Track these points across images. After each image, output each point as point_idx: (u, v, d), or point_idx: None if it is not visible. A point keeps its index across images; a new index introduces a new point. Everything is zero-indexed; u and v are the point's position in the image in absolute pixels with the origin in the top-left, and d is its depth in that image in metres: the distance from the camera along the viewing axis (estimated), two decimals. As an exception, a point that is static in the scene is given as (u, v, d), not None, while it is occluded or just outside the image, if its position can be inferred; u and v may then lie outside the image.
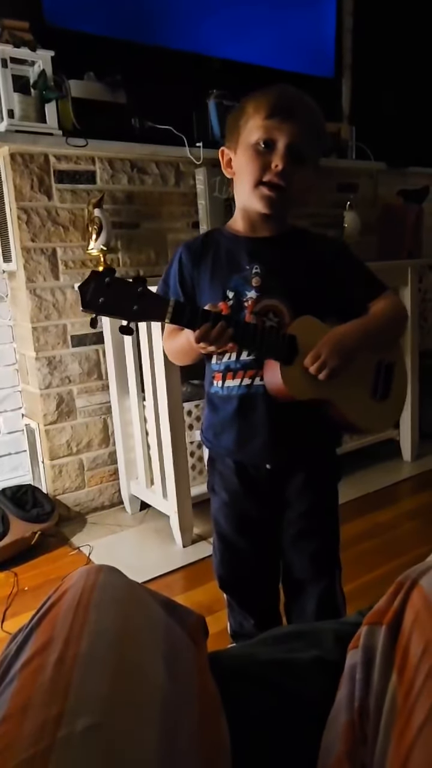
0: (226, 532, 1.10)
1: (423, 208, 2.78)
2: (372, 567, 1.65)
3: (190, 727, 0.42)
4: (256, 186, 0.92)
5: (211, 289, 0.99)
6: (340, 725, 0.43)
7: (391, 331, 1.06)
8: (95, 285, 0.81)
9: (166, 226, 2.16)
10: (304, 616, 1.13)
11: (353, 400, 1.01)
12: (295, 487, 1.05)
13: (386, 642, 0.43)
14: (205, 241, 1.04)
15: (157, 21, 2.20)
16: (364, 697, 0.42)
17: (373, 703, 0.41)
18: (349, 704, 0.43)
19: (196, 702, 0.45)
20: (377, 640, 0.43)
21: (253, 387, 0.98)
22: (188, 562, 1.74)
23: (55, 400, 1.99)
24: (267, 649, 0.59)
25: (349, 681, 0.44)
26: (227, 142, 0.99)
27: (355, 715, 0.42)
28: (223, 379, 1.00)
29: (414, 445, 2.43)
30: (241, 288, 0.97)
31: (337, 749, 0.42)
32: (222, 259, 1.00)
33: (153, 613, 0.51)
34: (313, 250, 1.02)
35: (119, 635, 0.45)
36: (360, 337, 0.97)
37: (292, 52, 2.55)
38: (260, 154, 0.91)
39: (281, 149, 0.90)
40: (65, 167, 1.92)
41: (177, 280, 1.02)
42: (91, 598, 0.49)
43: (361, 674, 0.43)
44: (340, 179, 2.65)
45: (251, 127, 0.92)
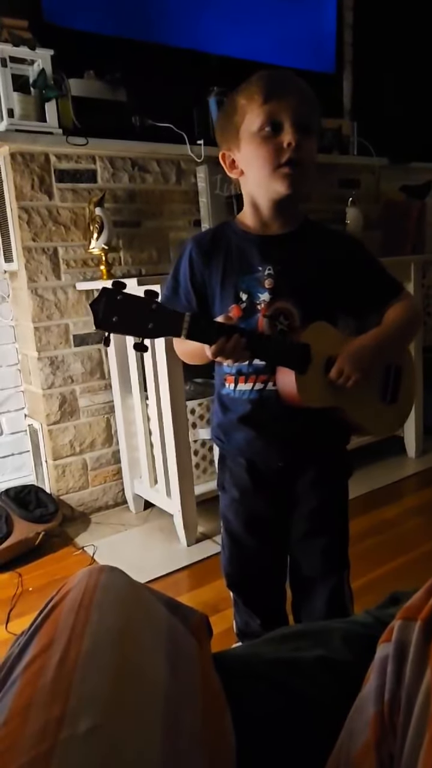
0: (236, 529, 1.10)
1: (426, 204, 2.76)
2: (378, 563, 1.64)
3: (193, 725, 0.42)
4: (274, 170, 0.90)
5: (223, 290, 0.98)
6: (368, 715, 0.43)
7: (407, 338, 1.06)
8: (107, 302, 0.78)
9: (167, 225, 2.15)
10: (312, 614, 1.12)
11: (364, 405, 1.02)
12: (305, 484, 1.05)
13: (421, 637, 0.42)
14: (215, 237, 1.02)
15: (157, 18, 2.19)
16: (395, 690, 0.42)
17: (404, 696, 0.41)
18: (378, 695, 0.43)
19: (199, 700, 0.44)
20: (411, 634, 0.43)
21: (266, 392, 0.97)
22: (193, 561, 1.73)
23: (57, 399, 1.98)
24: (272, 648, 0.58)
25: (379, 673, 0.44)
26: (225, 143, 0.97)
27: (386, 707, 0.42)
28: (236, 382, 1.00)
29: (418, 442, 2.42)
30: (253, 289, 0.96)
31: (365, 738, 0.42)
32: (233, 258, 0.98)
33: (155, 613, 0.51)
34: (326, 248, 1.00)
35: (121, 635, 0.45)
36: (379, 350, 0.98)
37: (292, 48, 2.54)
38: (269, 138, 0.90)
39: (289, 127, 0.89)
40: (66, 166, 1.92)
41: (188, 278, 1.01)
42: (93, 599, 0.48)
43: (392, 667, 0.43)
44: (341, 175, 2.64)
45: (250, 117, 0.91)
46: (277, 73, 0.93)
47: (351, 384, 0.94)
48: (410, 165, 2.96)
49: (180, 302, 1.02)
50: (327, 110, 2.67)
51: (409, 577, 1.58)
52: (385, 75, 2.91)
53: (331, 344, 0.95)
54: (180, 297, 1.02)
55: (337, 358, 0.94)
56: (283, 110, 0.89)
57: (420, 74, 3.04)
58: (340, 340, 0.97)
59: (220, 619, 1.41)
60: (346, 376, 0.94)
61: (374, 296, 1.02)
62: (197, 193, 2.15)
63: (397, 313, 1.00)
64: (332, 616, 1.09)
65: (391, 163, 2.78)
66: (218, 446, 1.12)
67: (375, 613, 0.62)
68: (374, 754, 0.39)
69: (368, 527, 1.88)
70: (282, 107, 0.89)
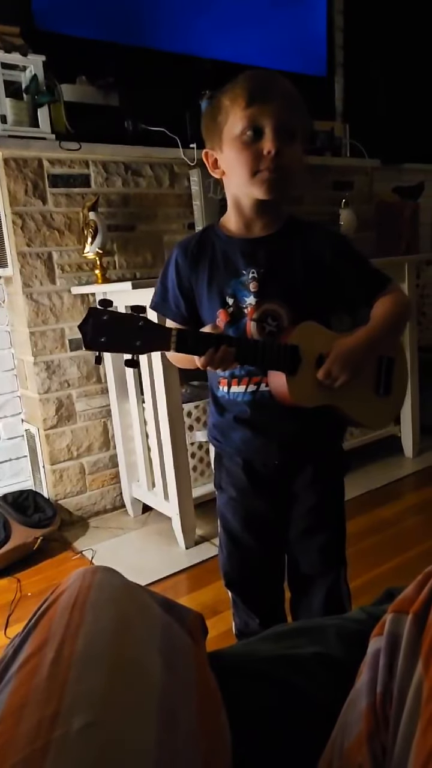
0: (234, 528, 1.10)
1: (419, 204, 2.78)
2: (376, 563, 1.65)
3: (188, 722, 0.42)
4: (253, 176, 0.90)
5: (209, 294, 0.99)
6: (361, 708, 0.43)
7: (398, 331, 1.06)
8: (94, 323, 0.79)
9: (161, 228, 2.15)
10: (310, 612, 1.12)
11: (359, 400, 1.02)
12: (303, 481, 1.06)
13: (412, 630, 0.43)
14: (200, 242, 1.02)
15: (149, 23, 2.20)
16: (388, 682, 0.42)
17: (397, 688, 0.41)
18: (371, 688, 0.43)
19: (194, 697, 0.44)
20: (403, 627, 0.43)
21: (259, 393, 0.98)
22: (191, 563, 1.73)
23: (54, 404, 1.98)
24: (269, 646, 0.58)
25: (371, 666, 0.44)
26: (208, 142, 0.97)
27: (378, 699, 0.42)
28: (229, 385, 1.00)
29: (415, 441, 2.43)
30: (239, 293, 0.96)
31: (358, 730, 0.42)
32: (219, 262, 0.98)
33: (150, 612, 0.51)
34: (311, 246, 0.99)
35: (116, 633, 0.45)
36: (369, 347, 0.97)
37: (283, 51, 2.55)
38: (249, 143, 0.89)
39: (269, 133, 0.88)
40: (59, 171, 1.92)
41: (175, 284, 1.02)
42: (87, 598, 0.48)
43: (384, 660, 0.43)
44: (334, 177, 2.65)
45: (233, 120, 0.90)
46: (263, 74, 0.92)
47: (339, 384, 0.94)
48: (403, 166, 2.98)
49: (169, 308, 1.03)
50: (319, 113, 2.68)
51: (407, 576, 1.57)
52: (376, 77, 2.93)
53: (321, 343, 0.95)
54: (169, 303, 1.03)
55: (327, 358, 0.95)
56: (266, 115, 0.88)
57: (411, 75, 3.06)
58: (330, 338, 0.97)
59: (218, 621, 1.41)
60: (334, 378, 0.94)
61: (362, 290, 1.02)
62: (191, 196, 2.16)
63: (386, 307, 1.00)
64: (330, 613, 1.09)
65: (383, 164, 2.79)
66: (215, 446, 1.12)
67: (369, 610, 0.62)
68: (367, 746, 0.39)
69: (366, 527, 1.88)
70: (264, 112, 0.88)
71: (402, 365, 1.09)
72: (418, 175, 2.97)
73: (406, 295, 1.08)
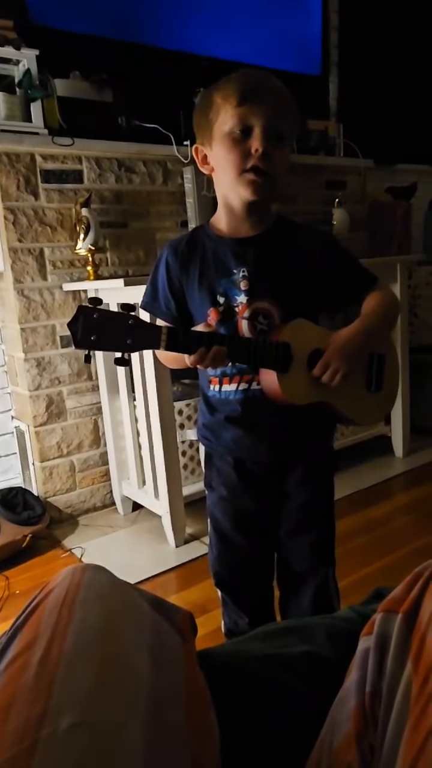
0: (224, 527, 1.09)
1: (412, 205, 2.79)
2: (366, 562, 1.65)
3: (177, 720, 0.42)
4: (239, 174, 0.91)
5: (200, 294, 0.99)
6: (350, 707, 0.43)
7: (389, 326, 1.06)
8: (84, 321, 0.79)
9: (154, 225, 2.15)
10: (300, 611, 1.12)
11: (351, 397, 1.02)
12: (294, 479, 1.06)
13: (402, 630, 0.43)
14: (190, 241, 1.02)
15: (144, 19, 2.19)
16: (377, 682, 0.42)
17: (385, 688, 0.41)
18: (360, 687, 0.43)
19: (183, 695, 0.44)
20: (392, 627, 0.43)
21: (251, 391, 0.98)
22: (181, 562, 1.73)
23: (44, 401, 1.97)
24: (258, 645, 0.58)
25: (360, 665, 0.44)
26: (199, 138, 0.97)
27: (367, 699, 0.42)
28: (220, 383, 1.00)
29: (405, 441, 2.44)
30: (230, 292, 0.96)
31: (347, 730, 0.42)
32: (209, 262, 0.99)
33: (139, 610, 0.50)
34: (300, 246, 1.00)
35: (104, 631, 0.45)
36: (363, 339, 0.97)
37: (278, 50, 2.55)
38: (238, 142, 0.90)
39: (258, 133, 0.89)
40: (52, 167, 1.91)
41: (166, 284, 1.02)
42: (76, 596, 0.48)
43: (374, 659, 0.43)
44: (328, 176, 2.65)
45: (223, 117, 0.90)
46: (256, 74, 0.92)
47: (339, 378, 0.93)
48: (396, 167, 2.99)
49: (160, 308, 1.03)
50: (313, 112, 2.68)
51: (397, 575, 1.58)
52: (370, 77, 2.93)
53: (312, 340, 0.95)
54: (159, 303, 1.03)
55: (324, 353, 0.95)
56: (256, 115, 0.89)
57: (406, 76, 3.07)
58: (321, 335, 0.97)
59: (208, 619, 1.41)
60: (333, 371, 0.93)
61: (350, 289, 1.03)
62: (184, 193, 2.15)
63: (376, 302, 1.00)
64: (319, 612, 1.09)
65: (377, 164, 2.80)
66: (205, 445, 1.12)
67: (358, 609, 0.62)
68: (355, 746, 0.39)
69: (356, 526, 1.89)
70: (255, 112, 0.89)
71: (392, 362, 1.09)
72: (412, 175, 2.98)
73: (393, 292, 1.09)
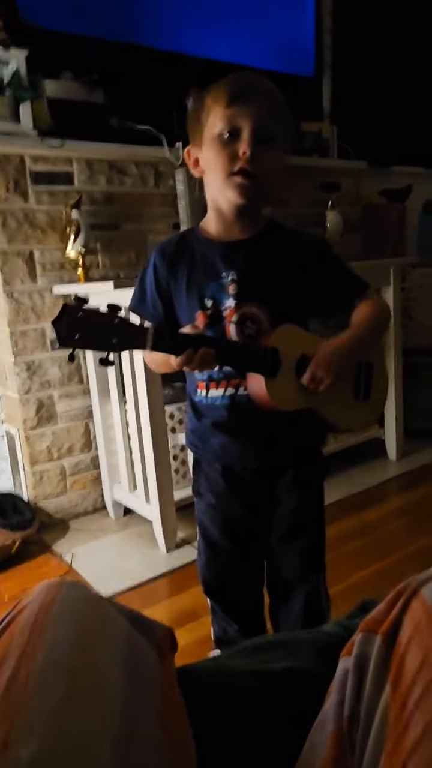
0: (212, 534, 1.08)
1: (406, 207, 2.78)
2: (360, 566, 1.64)
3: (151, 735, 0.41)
4: (227, 177, 0.90)
5: (188, 297, 0.97)
6: (328, 731, 0.41)
7: (378, 337, 1.07)
8: (69, 320, 0.77)
9: (146, 228, 2.13)
10: (290, 618, 1.11)
11: (338, 404, 1.01)
12: (284, 485, 1.05)
13: (381, 651, 0.41)
14: (179, 244, 1.01)
15: (136, 20, 2.18)
16: (355, 705, 0.41)
17: (363, 712, 0.40)
18: (338, 711, 0.42)
19: (158, 712, 0.43)
20: (372, 648, 0.42)
21: (238, 396, 0.97)
22: (172, 567, 1.71)
23: (34, 405, 1.95)
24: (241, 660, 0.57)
25: (339, 688, 0.43)
26: (191, 140, 0.96)
27: (345, 723, 0.41)
28: (207, 388, 0.99)
29: (399, 444, 2.43)
30: (218, 296, 0.95)
31: (324, 754, 0.41)
32: (198, 265, 0.98)
33: (115, 627, 0.49)
34: (290, 250, 0.99)
35: (77, 646, 0.43)
36: (351, 351, 0.98)
37: (271, 51, 2.54)
38: (226, 144, 0.89)
39: (246, 135, 0.88)
40: (42, 168, 1.89)
41: (154, 286, 1.01)
42: (48, 614, 0.46)
43: (352, 681, 0.42)
44: (322, 178, 2.64)
45: (213, 119, 0.90)
46: (248, 77, 0.92)
47: (323, 388, 0.94)
48: (390, 169, 2.98)
49: (147, 311, 1.02)
50: (307, 113, 2.67)
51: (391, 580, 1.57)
52: (364, 78, 2.92)
53: (301, 346, 0.95)
54: (147, 305, 1.02)
55: (311, 361, 0.94)
56: (244, 117, 0.88)
57: (400, 77, 3.07)
58: (309, 341, 0.96)
59: (198, 626, 1.39)
60: (318, 381, 0.93)
61: (340, 295, 1.02)
62: (176, 196, 2.14)
63: (367, 313, 1.00)
64: (309, 619, 1.08)
65: (371, 166, 2.79)
66: (193, 452, 1.11)
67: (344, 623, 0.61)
68: None
69: (350, 530, 1.87)
70: (244, 114, 0.88)
71: (380, 370, 1.08)
72: (406, 177, 2.97)
73: (385, 302, 1.09)
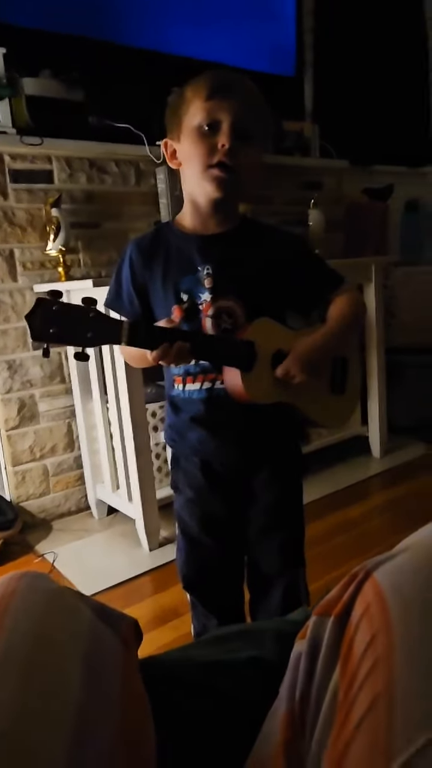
0: (191, 529, 1.08)
1: (388, 206, 2.80)
2: (343, 562, 1.64)
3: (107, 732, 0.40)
4: (205, 170, 0.90)
5: (164, 291, 0.97)
6: (279, 715, 0.41)
7: (354, 331, 1.08)
8: (43, 313, 0.76)
9: (127, 226, 2.13)
10: (269, 613, 1.11)
11: (314, 399, 1.02)
12: (261, 480, 1.05)
13: (333, 633, 0.41)
14: (155, 239, 1.01)
15: (116, 18, 2.18)
16: (306, 688, 0.40)
17: (314, 694, 0.39)
18: (290, 694, 0.41)
19: (117, 707, 0.42)
20: (324, 630, 0.42)
21: (215, 390, 0.97)
22: (155, 565, 1.71)
23: (16, 404, 1.94)
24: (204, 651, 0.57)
25: (292, 671, 0.43)
26: (169, 133, 0.97)
27: (296, 706, 0.41)
28: (184, 382, 0.99)
29: (383, 441, 2.44)
30: (194, 289, 0.95)
31: (276, 739, 0.40)
32: (173, 258, 0.98)
33: (77, 618, 0.48)
34: (266, 245, 1.00)
35: (34, 641, 0.43)
36: (326, 348, 0.99)
37: (252, 50, 2.54)
38: (205, 136, 0.89)
39: (226, 128, 0.88)
40: (20, 166, 1.88)
41: (129, 280, 1.00)
42: (8, 606, 0.46)
43: (305, 664, 0.42)
44: (304, 177, 2.65)
45: (193, 112, 0.90)
46: (229, 73, 0.93)
47: (297, 381, 0.94)
48: (372, 168, 2.99)
49: (123, 305, 1.02)
50: (288, 113, 2.68)
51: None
52: (346, 78, 2.93)
53: (277, 339, 0.95)
54: (123, 300, 1.02)
55: (286, 356, 0.94)
56: (224, 110, 0.89)
57: (381, 77, 3.08)
58: (285, 335, 0.97)
59: (180, 623, 1.39)
60: (292, 376, 0.94)
61: (315, 289, 1.03)
62: (157, 194, 2.14)
63: (342, 308, 1.01)
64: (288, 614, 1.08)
65: (353, 165, 2.81)
66: (171, 447, 1.11)
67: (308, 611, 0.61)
68: (283, 756, 0.37)
69: (332, 527, 1.88)
70: (223, 107, 0.89)
71: (355, 366, 1.09)
72: (388, 176, 2.99)
73: (359, 295, 1.10)
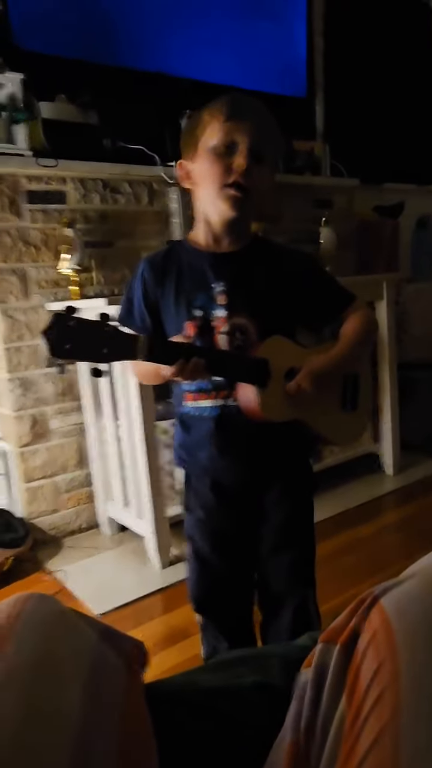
0: (202, 549, 1.08)
1: (399, 223, 2.81)
2: (354, 582, 1.62)
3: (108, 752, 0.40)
4: (220, 189, 0.92)
5: (176, 307, 0.98)
6: (285, 745, 0.40)
7: (365, 349, 1.09)
8: (59, 329, 0.76)
9: (140, 245, 2.15)
10: (279, 634, 1.10)
11: (326, 416, 1.02)
12: (272, 499, 1.05)
13: (339, 662, 0.40)
14: (168, 255, 1.02)
15: (128, 43, 2.22)
16: (312, 718, 0.40)
17: (320, 724, 0.39)
18: (295, 724, 0.41)
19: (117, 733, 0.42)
20: (330, 659, 0.41)
21: (227, 407, 0.97)
22: (166, 584, 1.69)
23: (29, 421, 1.95)
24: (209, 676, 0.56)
25: (298, 700, 0.42)
26: (184, 154, 0.99)
27: (301, 736, 0.40)
28: (195, 399, 0.99)
29: (396, 459, 2.41)
30: (207, 306, 0.96)
31: None
32: (186, 275, 0.99)
33: (81, 642, 0.48)
34: (278, 265, 1.01)
35: (36, 665, 0.43)
36: (339, 365, 0.99)
37: (263, 72, 2.58)
38: (222, 157, 0.91)
39: (243, 149, 0.91)
40: (36, 188, 1.91)
41: (141, 298, 1.01)
42: (12, 630, 0.46)
43: (310, 694, 0.41)
44: (315, 196, 2.67)
45: (209, 133, 0.92)
46: (245, 96, 0.96)
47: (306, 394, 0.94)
48: (383, 186, 3.01)
49: (135, 323, 1.02)
50: (299, 133, 2.71)
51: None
52: (356, 98, 2.97)
53: (290, 357, 0.96)
54: (134, 317, 1.02)
55: (298, 373, 0.94)
56: (241, 132, 0.91)
57: (391, 96, 3.11)
58: (298, 353, 0.97)
59: (190, 644, 1.38)
60: (302, 390, 0.94)
61: (327, 307, 1.04)
62: (169, 214, 2.16)
63: (355, 326, 1.02)
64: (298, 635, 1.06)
65: (363, 183, 2.82)
66: (181, 466, 1.10)
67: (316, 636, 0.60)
68: None
69: (344, 545, 1.86)
70: (240, 129, 0.91)
71: (366, 382, 1.09)
72: (398, 194, 3.00)
73: (371, 313, 1.10)
